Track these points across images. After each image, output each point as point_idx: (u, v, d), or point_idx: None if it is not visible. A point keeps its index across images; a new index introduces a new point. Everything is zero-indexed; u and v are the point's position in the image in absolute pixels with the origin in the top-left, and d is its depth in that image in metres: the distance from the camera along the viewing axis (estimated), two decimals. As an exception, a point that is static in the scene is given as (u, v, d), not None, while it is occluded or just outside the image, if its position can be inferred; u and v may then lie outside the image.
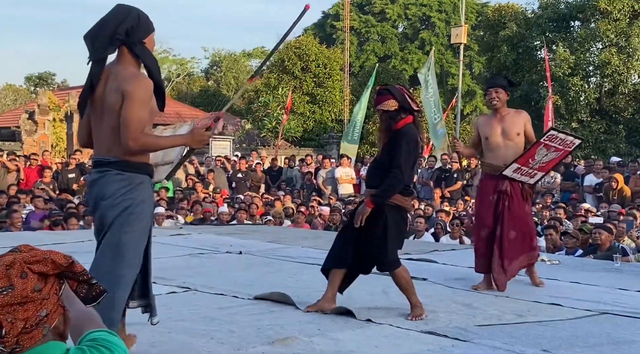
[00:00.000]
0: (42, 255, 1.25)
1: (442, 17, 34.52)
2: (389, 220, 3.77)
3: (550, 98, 15.92)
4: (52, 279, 1.25)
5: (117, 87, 2.65)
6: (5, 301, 1.18)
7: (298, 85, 25.46)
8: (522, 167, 4.84)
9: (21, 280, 1.20)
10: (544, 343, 3.42)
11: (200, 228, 8.87)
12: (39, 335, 1.22)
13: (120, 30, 2.69)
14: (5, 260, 1.24)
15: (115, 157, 2.69)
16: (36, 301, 1.21)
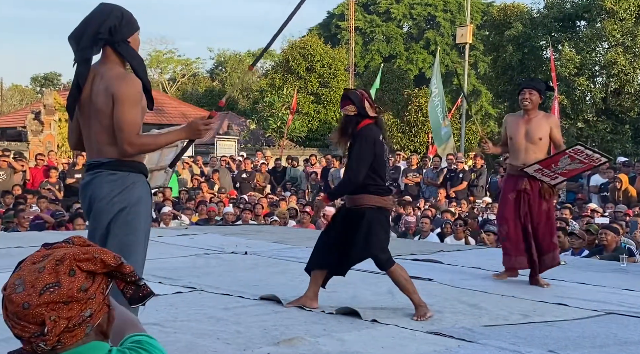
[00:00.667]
0: (92, 253, 1.22)
1: (447, 16, 34.46)
2: (371, 221, 3.86)
3: (556, 98, 15.88)
4: (99, 278, 1.23)
5: (105, 89, 2.60)
6: (50, 299, 1.16)
7: (303, 85, 25.47)
8: (544, 169, 4.90)
9: (69, 278, 1.19)
10: (550, 344, 3.41)
11: (206, 228, 8.88)
12: (82, 334, 1.21)
13: (104, 29, 2.63)
14: (57, 253, 1.22)
15: (107, 158, 2.65)
16: (81, 301, 1.19)
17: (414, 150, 20.71)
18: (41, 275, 1.18)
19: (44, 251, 1.24)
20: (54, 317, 1.17)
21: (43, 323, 1.16)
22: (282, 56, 28.16)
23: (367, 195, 3.88)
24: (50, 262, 1.20)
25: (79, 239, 1.28)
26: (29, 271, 1.20)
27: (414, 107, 22.57)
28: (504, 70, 21.42)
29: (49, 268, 1.19)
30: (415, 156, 14.07)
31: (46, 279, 1.18)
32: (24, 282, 1.18)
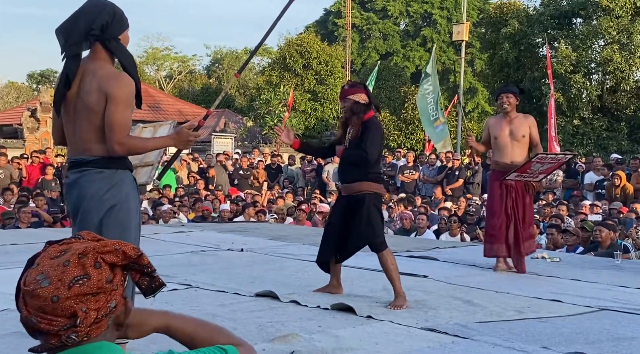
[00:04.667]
0: (112, 246, 1.24)
1: (443, 14, 34.46)
2: (370, 206, 4.13)
3: (552, 95, 15.90)
4: (119, 270, 1.25)
5: (99, 87, 2.59)
6: (81, 291, 1.18)
7: (299, 82, 25.46)
8: (522, 174, 5.39)
9: (96, 270, 1.20)
10: (544, 340, 3.44)
11: (202, 225, 8.89)
12: (105, 325, 1.23)
13: (96, 26, 2.62)
14: (76, 247, 1.22)
15: (94, 156, 2.64)
16: (108, 292, 1.21)
17: (410, 148, 20.74)
18: (67, 268, 1.19)
19: (59, 246, 1.24)
20: (84, 309, 1.18)
21: (73, 315, 1.17)
22: (278, 53, 28.15)
23: (367, 182, 4.14)
24: (74, 256, 1.20)
25: (88, 234, 1.29)
26: (50, 265, 1.20)
27: (410, 105, 22.59)
28: (501, 68, 21.43)
29: (73, 261, 1.20)
30: (411, 153, 14.08)
31: (74, 272, 1.18)
32: (48, 276, 1.18)
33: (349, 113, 4.16)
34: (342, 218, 4.24)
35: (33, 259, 1.25)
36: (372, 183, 4.16)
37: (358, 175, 4.15)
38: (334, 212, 4.43)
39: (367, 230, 4.12)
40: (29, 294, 1.19)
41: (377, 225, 4.17)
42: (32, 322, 1.20)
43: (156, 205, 10.06)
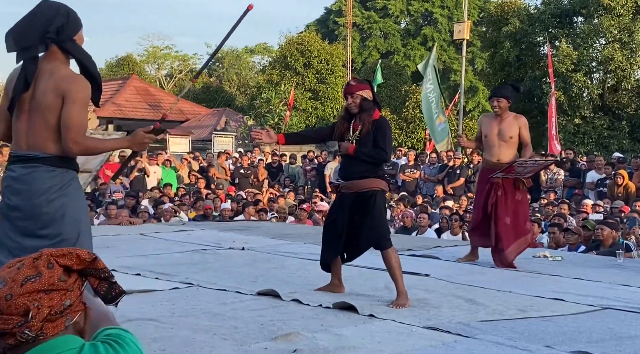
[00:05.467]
0: (67, 250, 1.29)
1: (444, 13, 34.43)
2: (380, 204, 4.17)
3: (553, 94, 15.87)
4: (75, 275, 1.28)
5: (56, 87, 2.65)
6: (33, 288, 1.21)
7: (300, 81, 25.43)
8: (507, 174, 5.56)
9: (48, 270, 1.24)
10: (547, 339, 3.42)
11: (203, 224, 8.87)
12: (62, 325, 1.25)
13: (52, 29, 2.68)
14: (34, 254, 1.29)
15: (46, 153, 2.68)
16: (61, 290, 1.24)
17: (411, 147, 20.71)
18: (20, 270, 1.24)
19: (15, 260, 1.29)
20: (37, 304, 1.21)
21: (26, 312, 1.21)
22: (279, 52, 28.12)
23: (376, 179, 4.16)
24: (28, 260, 1.26)
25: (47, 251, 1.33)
26: (7, 272, 1.25)
27: (411, 103, 22.57)
28: (502, 67, 21.40)
29: (27, 263, 1.25)
30: (412, 152, 14.06)
31: (26, 272, 1.23)
32: (4, 280, 1.24)
33: (359, 110, 4.10)
34: (348, 216, 4.13)
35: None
36: (381, 180, 4.17)
37: (368, 172, 4.11)
38: (337, 211, 4.28)
39: (378, 229, 4.10)
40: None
41: (386, 223, 4.24)
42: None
43: (157, 204, 10.05)
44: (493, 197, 5.57)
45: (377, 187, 4.12)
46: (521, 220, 5.67)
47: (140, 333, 3.25)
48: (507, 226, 5.54)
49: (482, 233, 5.72)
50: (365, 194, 4.09)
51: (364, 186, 4.10)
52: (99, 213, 9.30)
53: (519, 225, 5.62)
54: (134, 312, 3.65)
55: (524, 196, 5.75)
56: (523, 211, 5.73)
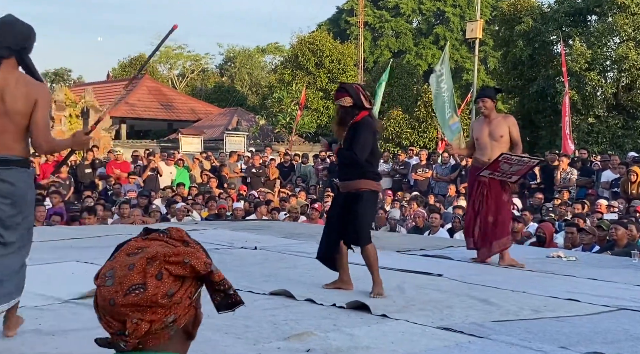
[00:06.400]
0: (183, 257, 1.17)
1: (456, 12, 34.29)
2: (366, 202, 4.33)
3: (567, 93, 15.76)
4: (189, 281, 1.18)
5: (27, 94, 2.94)
6: (134, 301, 1.12)
7: (312, 80, 25.43)
8: (494, 172, 5.64)
9: (155, 281, 1.14)
10: (562, 339, 3.39)
11: (215, 223, 8.90)
12: (166, 336, 1.16)
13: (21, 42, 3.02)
14: (150, 251, 1.17)
15: (16, 155, 2.98)
16: (165, 306, 1.14)
17: (423, 146, 20.64)
18: (130, 272, 1.14)
19: (140, 242, 1.19)
20: (136, 320, 1.13)
21: (124, 324, 1.14)
22: (291, 52, 28.15)
23: (364, 180, 4.34)
24: (142, 260, 1.15)
25: (177, 232, 1.22)
26: (120, 264, 1.16)
27: (423, 103, 22.48)
28: (514, 66, 21.27)
29: (138, 266, 1.15)
30: (424, 151, 14.01)
31: (134, 278, 1.14)
32: (114, 275, 1.15)
33: (339, 119, 4.40)
34: (340, 213, 4.42)
35: (120, 246, 1.22)
36: (369, 181, 4.35)
37: (356, 174, 4.33)
38: (333, 208, 4.62)
39: (358, 227, 4.32)
40: (98, 289, 1.17)
41: (366, 220, 4.42)
42: (97, 316, 1.17)
43: (170, 203, 10.09)
44: (479, 195, 5.73)
45: (366, 188, 4.33)
46: (505, 221, 5.78)
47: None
48: (488, 224, 5.66)
49: (469, 232, 5.88)
50: (354, 194, 4.34)
51: (352, 187, 4.36)
52: (113, 213, 9.35)
53: (501, 225, 5.71)
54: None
55: (509, 198, 5.90)
56: (505, 213, 5.83)
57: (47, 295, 3.79)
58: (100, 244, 6.41)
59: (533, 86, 20.28)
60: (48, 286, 4.02)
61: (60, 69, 39.23)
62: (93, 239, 6.73)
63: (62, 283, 4.29)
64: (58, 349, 2.99)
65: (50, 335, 3.19)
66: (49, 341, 3.10)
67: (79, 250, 5.94)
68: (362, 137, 4.24)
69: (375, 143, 4.39)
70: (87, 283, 4.21)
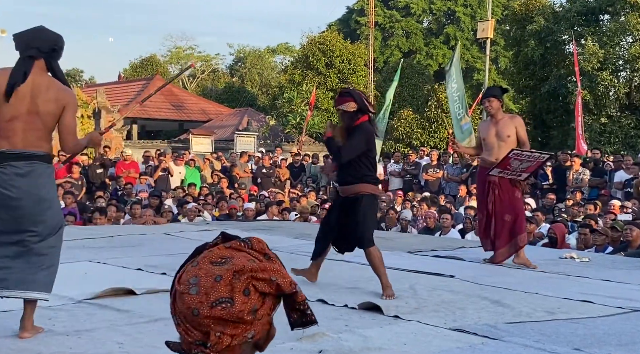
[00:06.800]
0: (270, 275, 1.16)
1: (467, 11, 34.17)
2: (366, 206, 4.38)
3: (579, 93, 15.66)
4: (270, 298, 1.18)
5: (56, 98, 3.15)
6: (219, 315, 1.12)
7: (322, 81, 25.42)
8: (504, 170, 5.61)
9: (242, 296, 1.13)
10: (576, 341, 3.37)
11: (226, 224, 8.91)
12: (239, 349, 1.17)
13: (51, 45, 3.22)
14: (236, 263, 1.16)
15: (42, 151, 3.18)
16: (249, 323, 1.15)
17: (434, 146, 20.58)
18: (217, 284, 1.13)
19: (224, 250, 1.17)
20: (219, 333, 1.13)
21: (207, 334, 1.13)
22: (301, 52, 28.15)
23: (363, 184, 4.39)
24: (228, 272, 1.14)
25: (258, 244, 1.21)
26: (205, 272, 1.15)
27: (433, 103, 22.43)
28: (526, 65, 21.17)
29: (225, 279, 1.13)
30: (435, 152, 13.97)
31: (221, 291, 1.12)
32: (198, 284, 1.13)
33: (344, 124, 4.44)
34: (338, 217, 4.48)
35: (199, 251, 1.20)
36: (368, 185, 4.40)
37: (355, 178, 4.38)
38: (332, 211, 4.66)
39: (361, 230, 4.36)
40: (178, 294, 1.15)
41: (368, 223, 4.43)
42: (174, 320, 1.16)
43: (181, 203, 10.13)
44: (491, 196, 5.70)
45: (365, 192, 4.39)
46: (522, 217, 5.76)
47: (168, 333, 3.27)
48: (505, 223, 5.64)
49: (486, 234, 5.82)
50: (354, 198, 4.39)
51: (351, 192, 4.41)
52: (124, 213, 9.39)
53: (519, 222, 5.69)
54: (161, 311, 3.68)
55: (520, 194, 5.85)
56: (519, 208, 5.80)
57: (60, 294, 3.81)
58: (113, 244, 6.45)
59: (545, 86, 20.17)
60: (61, 286, 4.03)
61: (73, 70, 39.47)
62: (105, 239, 6.76)
63: (75, 283, 4.31)
64: (72, 349, 3.00)
65: (65, 335, 3.21)
66: (64, 341, 3.12)
67: (91, 250, 5.97)
68: (354, 140, 4.31)
69: (373, 149, 4.45)
70: (99, 283, 4.25)
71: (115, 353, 2.97)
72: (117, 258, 5.47)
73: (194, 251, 1.19)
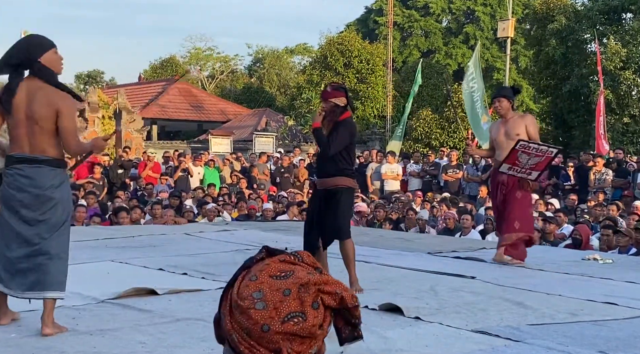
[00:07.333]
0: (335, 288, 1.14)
1: (487, 10, 33.91)
2: (342, 198, 4.50)
3: (602, 92, 15.47)
4: (329, 312, 1.15)
5: (48, 103, 3.25)
6: (292, 330, 1.11)
7: (340, 81, 25.37)
8: (513, 166, 5.62)
9: (312, 310, 1.12)
10: (600, 344, 3.33)
11: (246, 224, 8.95)
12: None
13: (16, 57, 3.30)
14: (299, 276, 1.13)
15: (47, 156, 3.30)
16: (315, 337, 1.13)
17: (453, 146, 20.46)
18: (286, 298, 1.11)
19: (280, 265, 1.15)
20: (290, 350, 1.11)
21: (276, 351, 1.09)
22: (319, 52, 28.15)
23: (342, 177, 4.51)
24: (295, 286, 1.12)
25: (308, 258, 1.20)
26: (270, 287, 1.12)
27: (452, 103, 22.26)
28: (547, 65, 20.96)
29: (294, 292, 1.11)
30: (455, 152, 13.89)
31: (292, 305, 1.11)
32: (265, 299, 1.10)
33: (328, 114, 4.50)
34: (318, 210, 4.58)
35: (249, 265, 1.15)
36: (346, 178, 4.53)
37: (333, 171, 4.50)
38: (312, 205, 4.78)
39: (338, 222, 4.49)
40: (240, 309, 1.11)
41: (345, 215, 4.57)
42: (232, 338, 1.11)
43: (200, 204, 10.18)
44: (500, 196, 5.78)
45: (343, 185, 4.51)
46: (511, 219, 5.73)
47: (189, 333, 3.30)
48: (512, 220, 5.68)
49: (500, 231, 5.92)
50: (332, 191, 4.50)
51: (331, 184, 4.52)
52: (145, 213, 9.46)
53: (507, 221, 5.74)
54: (183, 312, 3.71)
55: (523, 195, 5.76)
56: (517, 210, 5.74)
57: (84, 294, 3.85)
58: (134, 244, 6.50)
59: (566, 85, 19.95)
60: (85, 286, 4.09)
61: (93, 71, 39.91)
62: (127, 239, 6.82)
63: (99, 282, 4.35)
64: (96, 349, 3.03)
65: (88, 334, 3.25)
66: (88, 341, 3.15)
67: (113, 249, 6.03)
68: (342, 135, 4.44)
69: (353, 143, 4.60)
70: (122, 283, 4.28)
71: (139, 352, 3.00)
72: (138, 258, 5.52)
73: (242, 265, 1.16)
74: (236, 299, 1.10)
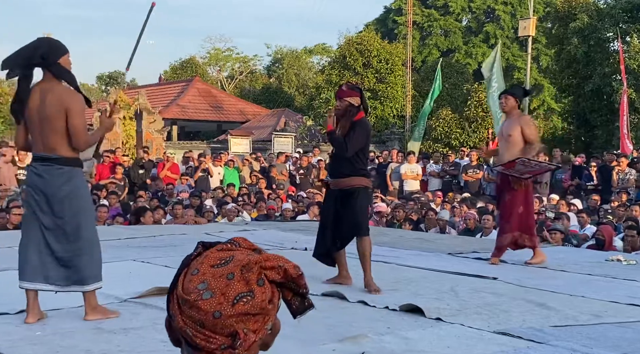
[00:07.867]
0: (275, 262, 1.16)
1: (507, 9, 33.62)
2: (362, 199, 4.55)
3: (625, 91, 15.26)
4: (275, 288, 1.16)
5: (57, 103, 3.39)
6: (243, 310, 1.09)
7: (359, 81, 25.33)
8: (508, 169, 5.67)
9: (259, 287, 1.11)
10: (625, 346, 3.28)
11: (265, 224, 8.97)
12: (256, 347, 1.15)
13: (36, 57, 3.41)
14: (239, 258, 1.14)
15: (57, 155, 3.44)
16: (268, 313, 1.12)
17: (473, 146, 20.31)
18: (231, 282, 1.10)
19: (218, 253, 1.15)
20: (245, 329, 1.10)
21: (232, 334, 1.09)
22: (338, 52, 28.14)
23: (358, 177, 4.54)
24: (237, 269, 1.12)
25: (244, 241, 1.20)
26: (212, 275, 1.12)
27: (473, 102, 22.11)
28: (569, 63, 20.73)
29: (237, 275, 1.11)
30: (475, 152, 13.79)
31: (238, 287, 1.10)
32: (210, 288, 1.10)
33: (342, 113, 4.50)
34: (334, 210, 4.57)
35: (188, 263, 1.17)
36: (362, 178, 4.56)
37: (349, 171, 4.51)
38: (325, 205, 4.79)
39: (358, 220, 4.49)
40: (189, 304, 1.10)
41: (365, 215, 4.62)
42: (186, 334, 1.12)
43: (221, 204, 10.23)
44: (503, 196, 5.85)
45: (360, 185, 4.53)
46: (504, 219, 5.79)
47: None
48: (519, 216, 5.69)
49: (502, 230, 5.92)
50: (349, 191, 4.51)
51: (347, 184, 4.52)
52: (166, 213, 9.53)
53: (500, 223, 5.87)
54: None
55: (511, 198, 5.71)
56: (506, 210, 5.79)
57: (106, 293, 3.89)
58: (156, 244, 6.55)
59: (588, 84, 19.72)
60: (107, 285, 4.12)
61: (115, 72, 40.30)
62: (148, 239, 6.88)
63: (121, 282, 4.39)
64: (119, 347, 3.06)
65: (112, 333, 3.28)
66: (111, 339, 3.19)
67: (135, 249, 6.09)
68: (359, 136, 4.45)
69: (368, 144, 4.63)
70: (144, 283, 4.32)
71: (160, 351, 3.02)
72: (160, 258, 5.56)
73: (181, 264, 1.18)
74: (182, 295, 1.11)
